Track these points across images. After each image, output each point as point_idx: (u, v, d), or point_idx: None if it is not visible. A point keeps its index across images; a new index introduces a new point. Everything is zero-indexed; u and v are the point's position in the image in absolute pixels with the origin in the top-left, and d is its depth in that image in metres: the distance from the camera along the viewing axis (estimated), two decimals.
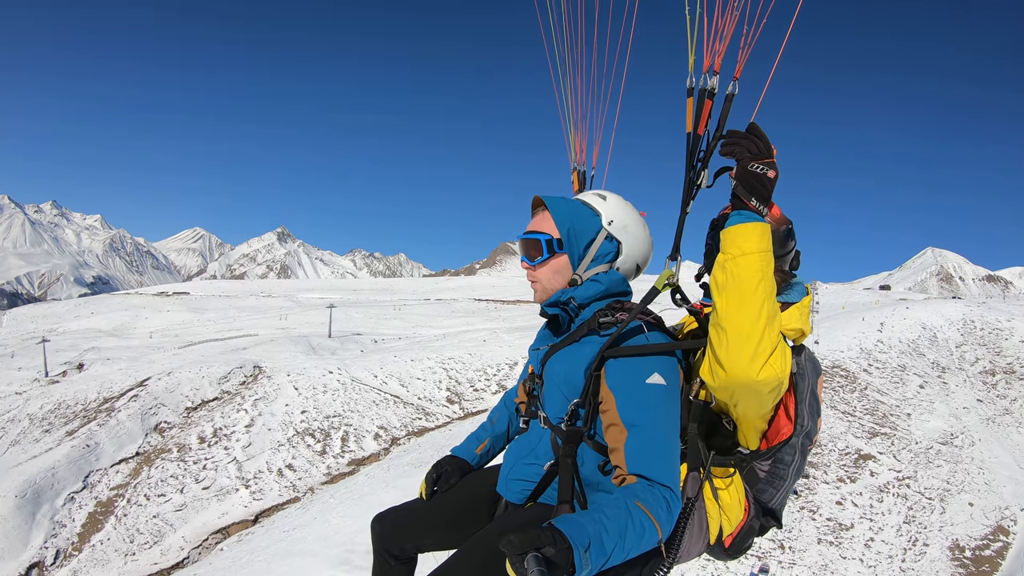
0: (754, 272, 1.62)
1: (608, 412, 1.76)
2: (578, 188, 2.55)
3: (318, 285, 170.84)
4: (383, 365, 42.52)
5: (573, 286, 1.99)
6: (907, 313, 47.34)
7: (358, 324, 77.95)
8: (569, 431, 1.86)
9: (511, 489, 2.04)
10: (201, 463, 31.74)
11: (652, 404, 1.71)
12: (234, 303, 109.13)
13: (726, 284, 1.64)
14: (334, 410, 36.14)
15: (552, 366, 1.97)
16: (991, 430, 28.98)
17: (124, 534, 27.26)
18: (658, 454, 1.64)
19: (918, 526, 20.21)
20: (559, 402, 1.93)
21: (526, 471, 2.02)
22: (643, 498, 1.53)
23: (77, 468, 30.56)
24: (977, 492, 22.73)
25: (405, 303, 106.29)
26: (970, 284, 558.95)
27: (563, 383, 1.91)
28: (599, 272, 2.02)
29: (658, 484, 1.58)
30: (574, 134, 2.51)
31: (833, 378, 33.97)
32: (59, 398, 39.30)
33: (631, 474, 1.63)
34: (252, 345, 56.90)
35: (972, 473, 24.27)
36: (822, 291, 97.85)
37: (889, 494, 22.11)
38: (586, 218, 2.02)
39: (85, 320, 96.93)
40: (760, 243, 1.64)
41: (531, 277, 2.06)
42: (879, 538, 19.23)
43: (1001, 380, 35.21)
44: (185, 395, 39.09)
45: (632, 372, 1.74)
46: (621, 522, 1.44)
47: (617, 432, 1.72)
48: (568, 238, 1.97)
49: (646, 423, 1.68)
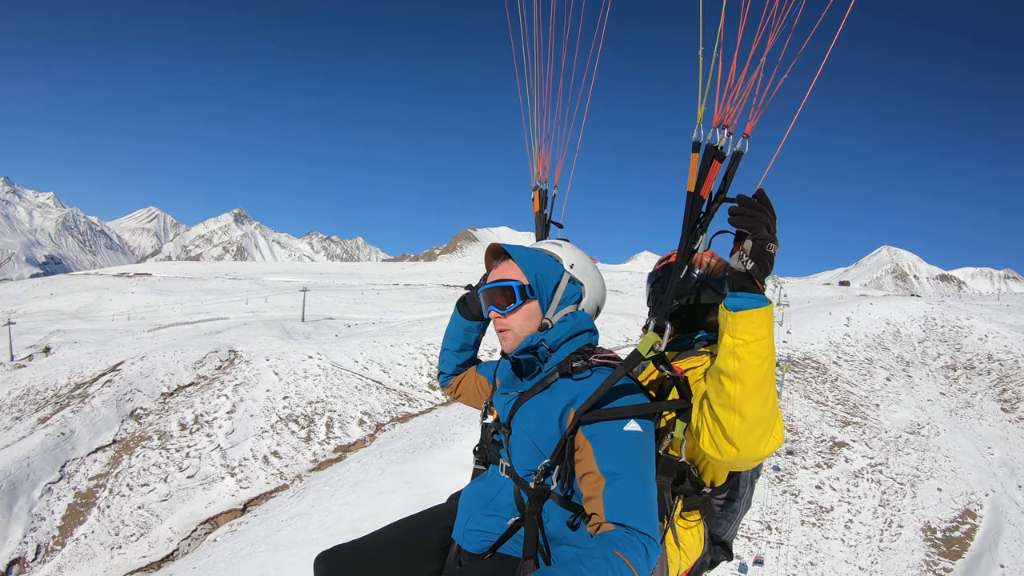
0: (765, 357, 1.61)
1: (584, 460, 1.73)
2: (539, 208, 2.54)
3: (283, 268, 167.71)
4: (363, 350, 42.35)
5: (543, 331, 1.97)
6: (871, 309, 49.31)
7: (328, 308, 77.05)
8: (538, 488, 1.83)
9: (469, 540, 1.99)
10: (184, 451, 31.13)
11: (629, 452, 1.70)
12: (200, 285, 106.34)
13: (739, 372, 1.61)
14: (316, 396, 35.86)
15: (523, 416, 1.93)
16: (954, 421, 30.56)
17: (109, 526, 26.54)
18: (636, 501, 1.63)
19: (892, 509, 21.33)
20: (529, 453, 1.90)
21: (486, 523, 1.97)
22: (621, 547, 1.51)
23: (53, 457, 29.61)
24: (944, 478, 24.03)
25: (373, 287, 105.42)
26: (924, 282, 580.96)
27: (535, 433, 1.87)
28: (567, 313, 2.01)
29: (636, 531, 1.57)
30: (537, 153, 2.48)
31: (805, 369, 35.29)
32: (27, 383, 38.00)
33: (608, 522, 1.61)
34: (225, 329, 55.74)
35: (939, 461, 25.63)
36: (780, 285, 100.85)
37: (864, 479, 23.24)
38: (549, 263, 2.02)
39: (46, 301, 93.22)
40: (771, 327, 1.64)
41: (502, 326, 2.01)
42: (857, 520, 20.26)
43: (962, 375, 37.04)
44: (160, 380, 38.23)
45: (609, 420, 1.73)
46: (601, 573, 1.44)
47: (594, 480, 1.69)
48: (536, 283, 1.96)
49: (623, 471, 1.66)
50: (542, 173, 2.52)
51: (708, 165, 1.69)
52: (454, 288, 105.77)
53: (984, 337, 41.80)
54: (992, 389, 34.76)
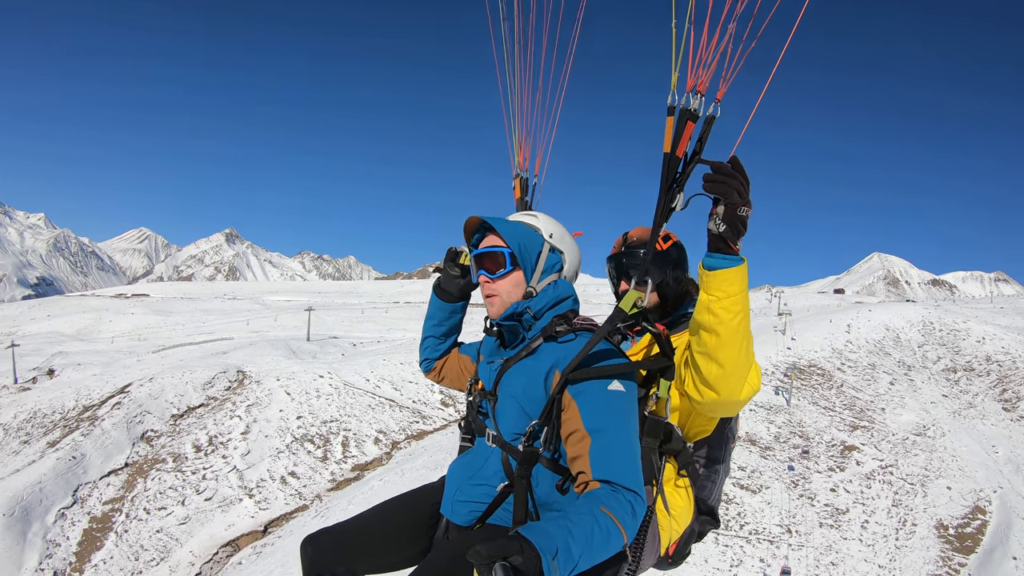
0: (737, 311, 1.75)
1: (570, 420, 1.76)
2: (520, 195, 2.61)
3: (282, 287, 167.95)
4: (373, 368, 42.77)
5: (528, 298, 2.02)
6: (870, 315, 50.27)
7: (331, 327, 77.43)
8: (526, 452, 1.84)
9: (458, 512, 2.00)
10: (200, 473, 31.12)
11: (614, 410, 1.73)
12: (199, 306, 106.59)
13: (713, 325, 1.76)
14: (330, 415, 36.16)
15: (509, 380, 1.96)
16: (958, 422, 31.34)
17: (127, 551, 26.26)
18: (622, 459, 1.67)
19: (905, 508, 22.00)
20: (516, 417, 1.92)
21: (474, 492, 1.98)
22: (608, 503, 1.54)
23: (65, 482, 29.17)
24: (953, 477, 24.75)
25: (374, 306, 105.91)
26: (916, 288, 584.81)
27: (522, 395, 1.90)
28: (550, 282, 2.06)
29: (622, 488, 1.61)
30: (518, 142, 2.54)
31: (811, 376, 36.04)
32: (33, 406, 37.59)
33: (595, 479, 1.65)
34: (231, 349, 55.97)
35: (946, 460, 26.35)
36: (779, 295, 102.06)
37: (876, 481, 23.92)
38: (529, 234, 2.06)
39: (44, 323, 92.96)
40: (743, 284, 1.77)
41: (490, 291, 2.05)
42: (873, 520, 20.92)
43: (962, 377, 37.91)
44: (170, 402, 38.01)
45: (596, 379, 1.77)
46: (587, 528, 1.46)
47: (579, 439, 1.72)
48: (520, 252, 2.00)
49: (609, 429, 1.70)
50: (523, 162, 2.56)
51: (683, 127, 1.78)
52: None
53: (982, 339, 42.80)
54: (992, 389, 35.62)
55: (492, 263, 2.04)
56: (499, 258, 2.02)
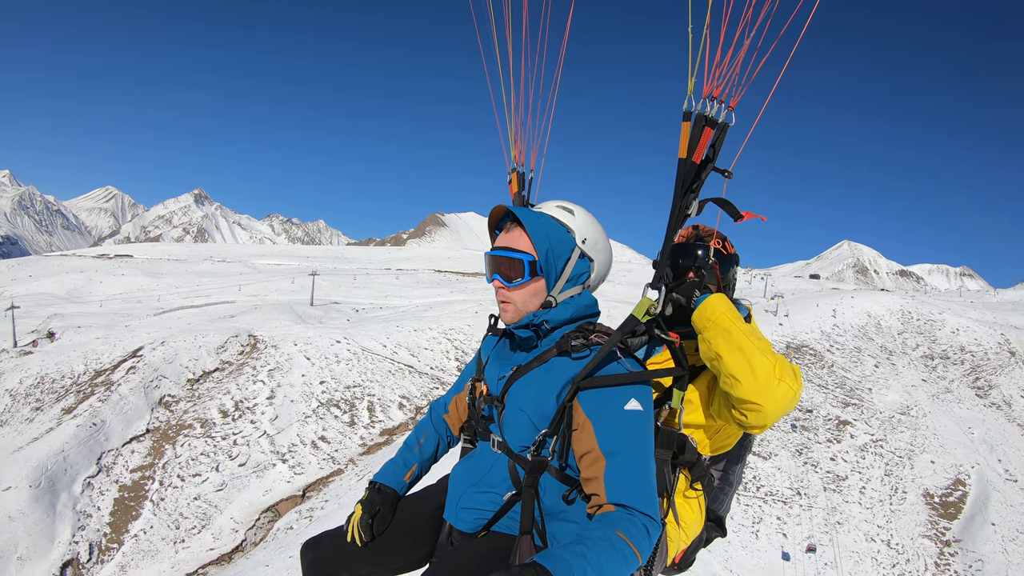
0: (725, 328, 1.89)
1: (584, 440, 1.71)
2: (516, 189, 2.45)
3: (272, 251, 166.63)
4: (388, 335, 44.23)
5: (547, 308, 1.90)
6: (853, 302, 53.30)
7: (329, 292, 78.09)
8: (534, 461, 1.81)
9: (462, 518, 1.96)
10: (230, 438, 31.25)
11: (631, 431, 1.68)
12: (190, 268, 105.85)
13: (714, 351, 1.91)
14: (352, 380, 37.52)
15: (519, 391, 1.88)
16: (937, 404, 34.36)
17: (167, 520, 26.02)
18: (637, 483, 1.63)
19: (895, 478, 24.75)
20: (524, 429, 1.85)
21: (479, 499, 1.93)
22: (624, 527, 1.52)
23: (88, 450, 28.53)
24: (935, 453, 27.62)
25: (366, 272, 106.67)
26: (884, 278, 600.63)
27: (532, 409, 1.83)
28: (573, 295, 1.94)
29: (638, 512, 1.58)
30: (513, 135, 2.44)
31: (804, 356, 38.81)
32: (39, 371, 36.68)
33: (610, 503, 1.61)
34: (238, 313, 56.58)
35: (929, 438, 29.24)
36: (748, 275, 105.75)
37: (868, 452, 26.65)
38: (561, 236, 1.91)
39: (27, 284, 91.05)
40: (722, 305, 1.96)
41: (504, 297, 1.92)
42: (869, 487, 23.60)
43: (939, 364, 41.08)
44: (184, 366, 38.02)
45: (610, 399, 1.71)
46: (604, 554, 1.46)
47: (594, 460, 1.68)
48: (547, 259, 1.87)
49: (625, 450, 1.66)
50: (519, 156, 2.45)
51: (700, 132, 1.78)
52: (446, 274, 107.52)
53: (956, 330, 46.01)
54: (966, 377, 38.80)
55: (509, 270, 1.89)
56: (518, 266, 1.86)
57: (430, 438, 2.30)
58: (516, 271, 1.86)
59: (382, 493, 2.14)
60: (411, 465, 2.25)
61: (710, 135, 1.79)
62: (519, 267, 1.86)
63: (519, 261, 1.85)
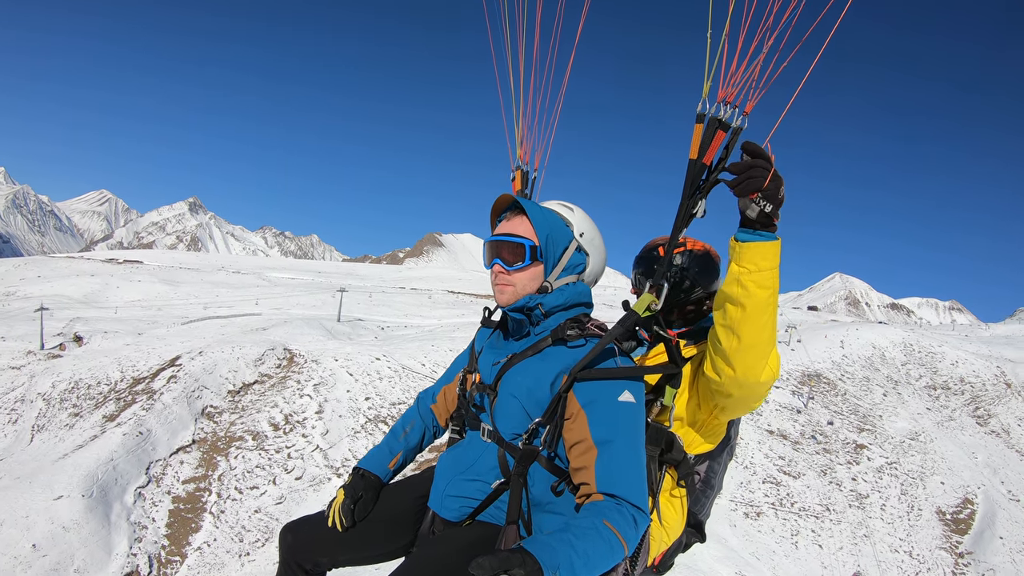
0: (767, 286, 1.69)
1: (576, 429, 1.73)
2: (520, 187, 2.48)
3: (284, 264, 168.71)
4: (425, 353, 45.85)
5: (543, 293, 1.93)
6: (859, 334, 55.93)
7: (350, 309, 79.87)
8: (525, 450, 1.82)
9: (448, 506, 1.95)
10: (283, 452, 31.28)
11: (623, 422, 1.71)
12: (204, 277, 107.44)
13: (741, 297, 1.70)
14: (396, 397, 38.65)
15: (513, 378, 1.90)
16: (942, 431, 37.14)
17: (230, 533, 25.79)
18: (628, 472, 1.65)
19: (911, 497, 27.40)
20: (517, 416, 1.87)
21: (466, 488, 1.93)
22: (611, 517, 1.54)
23: (136, 459, 27.99)
24: (944, 475, 30.31)
25: (382, 291, 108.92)
26: (876, 310, 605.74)
27: (525, 396, 1.85)
28: (568, 282, 1.98)
29: (626, 502, 1.59)
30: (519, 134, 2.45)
31: (820, 383, 41.54)
32: (71, 375, 36.12)
33: (599, 492, 1.63)
34: (268, 326, 58.00)
35: (937, 461, 31.95)
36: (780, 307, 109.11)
37: (885, 474, 29.31)
38: (560, 227, 1.97)
39: (38, 285, 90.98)
40: (776, 260, 1.69)
41: (503, 280, 1.93)
42: (888, 504, 26.23)
43: (941, 394, 43.89)
44: (224, 377, 37.88)
45: (605, 390, 1.73)
46: (590, 542, 1.46)
47: (585, 449, 1.70)
48: (546, 245, 1.92)
49: (616, 441, 1.67)
50: (524, 155, 2.46)
51: (712, 135, 1.78)
52: (459, 295, 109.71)
53: (955, 363, 48.64)
54: (967, 406, 41.61)
55: (510, 254, 1.92)
56: (519, 250, 1.91)
57: (416, 427, 2.34)
58: (517, 255, 1.91)
59: (366, 479, 2.15)
60: (396, 453, 2.28)
61: (722, 138, 1.78)
62: (520, 251, 1.90)
63: (520, 245, 1.90)
